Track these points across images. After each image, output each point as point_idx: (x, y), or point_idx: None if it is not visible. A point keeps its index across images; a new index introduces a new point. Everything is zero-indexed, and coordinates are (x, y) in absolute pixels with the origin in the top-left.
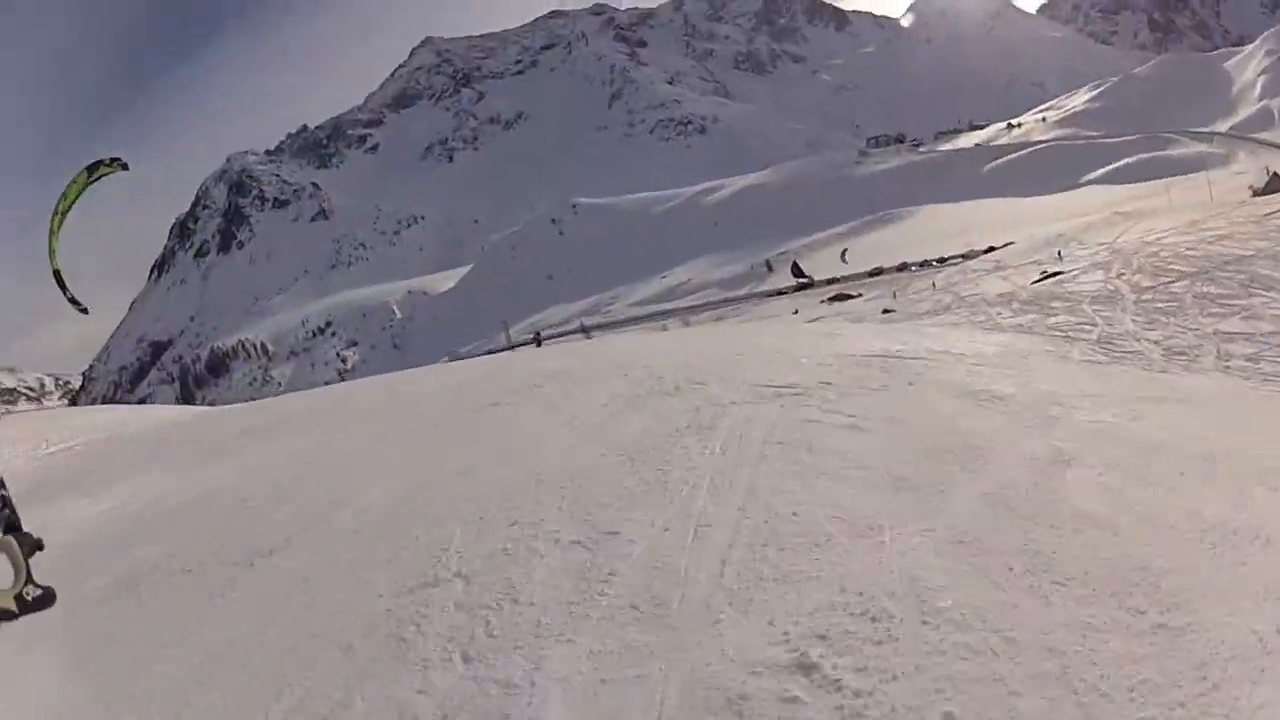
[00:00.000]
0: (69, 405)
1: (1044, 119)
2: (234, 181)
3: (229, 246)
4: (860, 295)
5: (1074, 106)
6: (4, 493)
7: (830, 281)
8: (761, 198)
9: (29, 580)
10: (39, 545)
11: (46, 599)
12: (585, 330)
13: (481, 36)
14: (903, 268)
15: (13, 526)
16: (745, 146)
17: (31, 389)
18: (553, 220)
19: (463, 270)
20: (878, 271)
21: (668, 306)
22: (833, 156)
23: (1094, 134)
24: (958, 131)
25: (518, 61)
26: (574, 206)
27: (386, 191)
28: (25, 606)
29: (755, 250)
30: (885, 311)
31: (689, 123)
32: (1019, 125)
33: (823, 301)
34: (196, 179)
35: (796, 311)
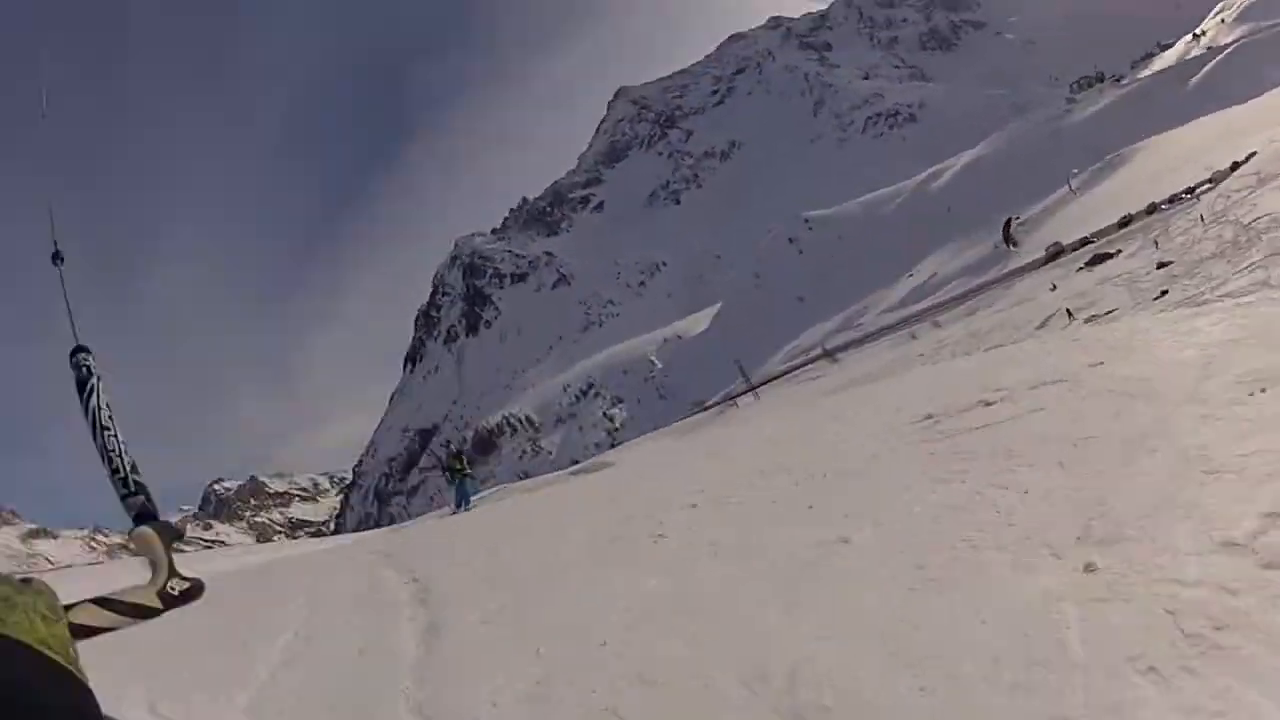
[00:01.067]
0: (342, 498)
1: (1222, 20)
2: (466, 264)
3: (476, 327)
4: (1119, 252)
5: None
6: (138, 478)
7: (1083, 243)
8: (985, 172)
9: (173, 573)
10: (180, 534)
11: (194, 592)
12: (829, 354)
13: (671, 76)
14: (1152, 209)
15: (148, 515)
16: (954, 125)
17: (305, 489)
18: (790, 240)
19: (714, 309)
20: (1126, 221)
21: (915, 309)
22: (1042, 113)
23: (1273, 22)
24: (1150, 56)
25: (714, 92)
26: (807, 221)
27: (621, 245)
28: (170, 601)
29: (993, 228)
30: (1160, 266)
31: (896, 114)
32: (1203, 33)
33: (1080, 269)
34: (429, 269)
35: (1054, 287)
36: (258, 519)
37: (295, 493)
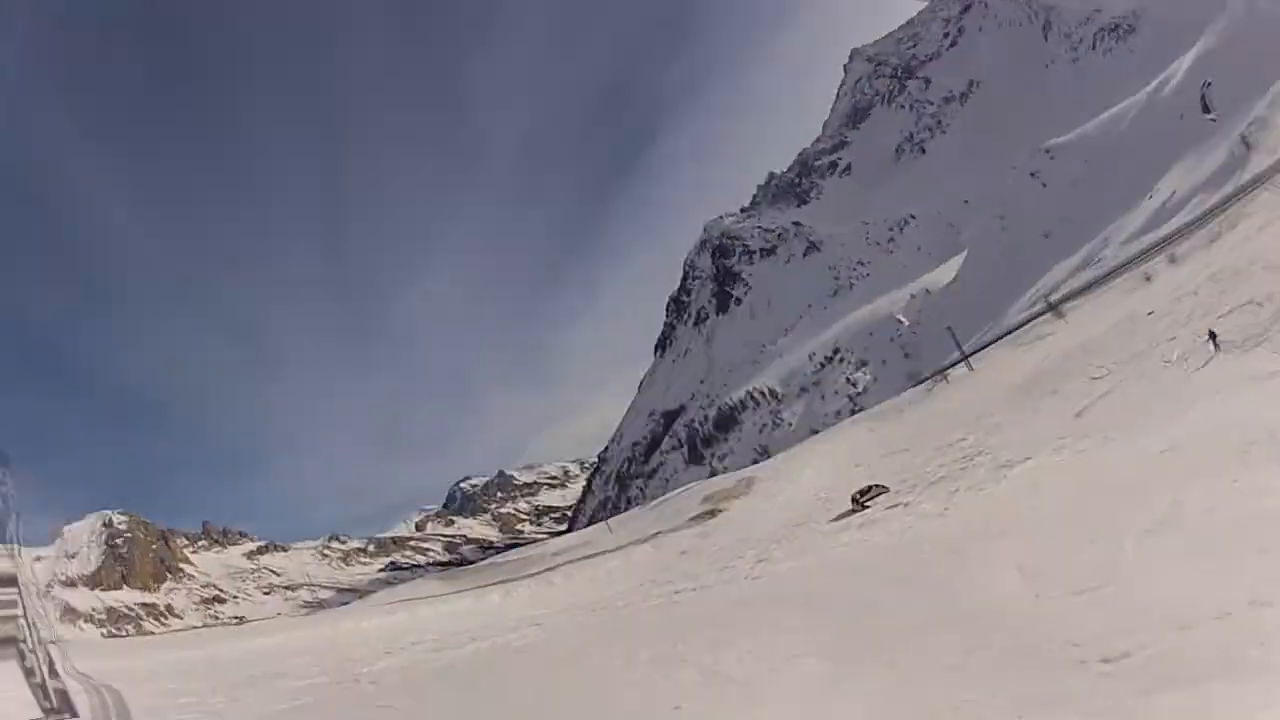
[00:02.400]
0: (585, 486)
1: None
2: (715, 245)
3: (726, 306)
4: None
5: None
6: None
7: None
8: (1212, 68)
9: None
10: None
11: None
12: (1054, 307)
13: (901, 28)
14: None
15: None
16: (1170, 27)
17: (554, 477)
18: (1032, 174)
19: (961, 256)
20: None
21: (1160, 235)
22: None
23: None
24: None
25: (945, 35)
26: (1048, 151)
27: (870, 205)
28: None
29: (1229, 127)
30: None
31: (1117, 26)
32: None
33: None
34: (680, 257)
35: None
36: (503, 510)
37: (544, 482)
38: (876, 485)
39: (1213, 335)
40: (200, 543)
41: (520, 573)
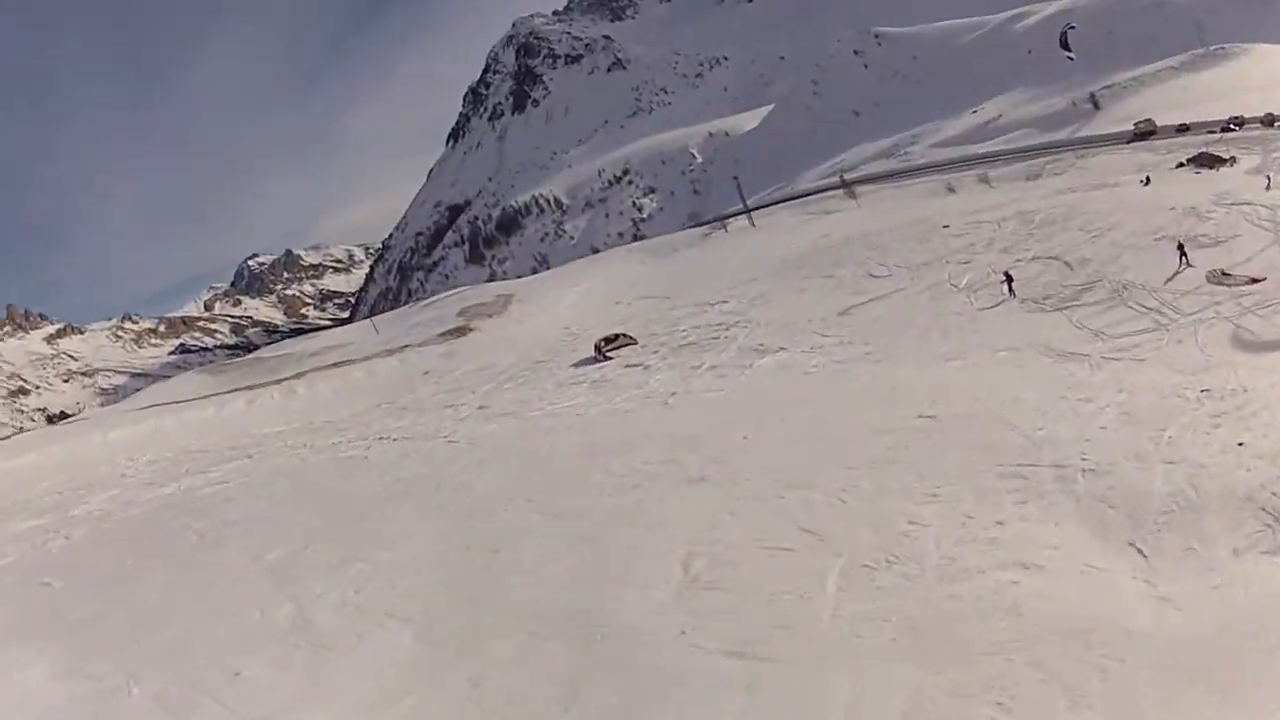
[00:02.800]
0: (368, 273)
1: None
2: (522, 44)
3: (523, 106)
4: (1231, 160)
5: None
6: None
7: (1180, 130)
8: (1077, 23)
9: None
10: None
11: None
12: (847, 185)
13: None
14: (1271, 121)
15: None
16: None
17: (340, 261)
18: (855, 52)
19: (766, 109)
20: (1239, 123)
21: (975, 150)
22: None
23: None
24: None
25: None
26: (876, 37)
27: (684, 36)
28: None
29: (1074, 84)
30: None
31: None
32: None
33: (1181, 165)
34: (484, 48)
35: (1147, 181)
36: (288, 292)
37: (329, 265)
38: (624, 335)
39: (1009, 278)
40: (5, 329)
41: (273, 375)
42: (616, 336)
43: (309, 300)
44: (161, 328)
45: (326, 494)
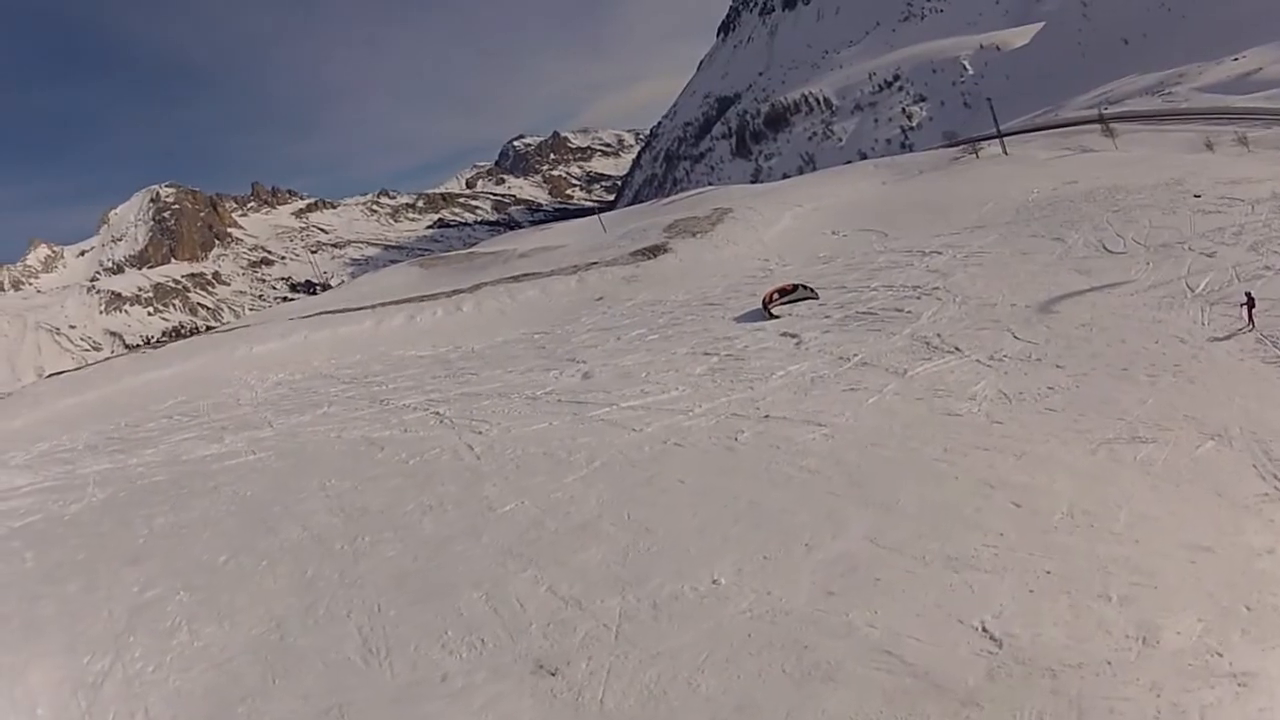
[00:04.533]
0: (635, 158)
1: None
2: None
3: (794, 3)
4: None
5: None
6: None
7: None
8: None
9: None
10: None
11: None
12: (1106, 123)
13: None
14: None
15: None
16: None
17: (608, 145)
18: None
19: (1037, 26)
20: None
21: (1234, 103)
22: None
23: None
24: None
25: None
26: None
27: None
28: None
29: None
30: None
31: None
32: None
33: None
34: None
35: None
36: (554, 173)
37: (598, 148)
38: (803, 287)
39: (1250, 301)
40: (250, 204)
41: (474, 278)
42: (795, 288)
43: (575, 181)
44: (420, 203)
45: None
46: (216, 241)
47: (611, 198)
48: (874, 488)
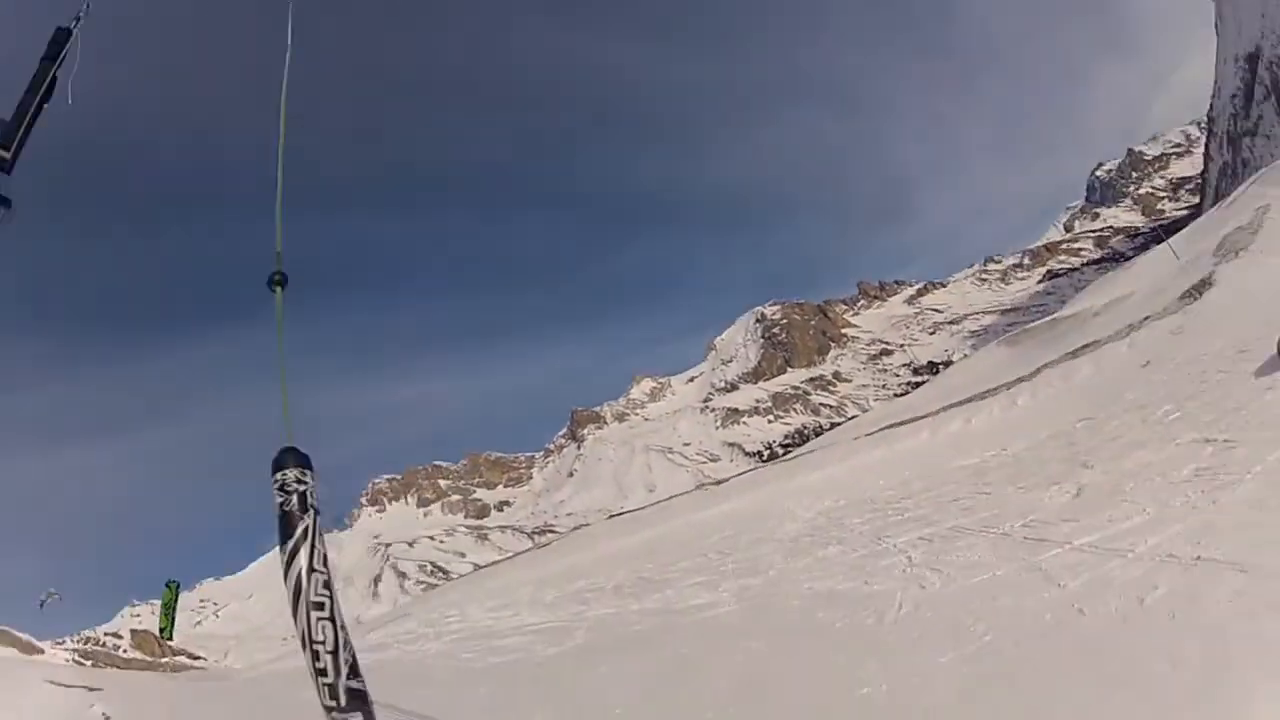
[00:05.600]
0: (1204, 151)
1: None
2: None
3: None
4: None
5: None
6: (353, 684)
7: None
8: None
9: None
10: None
11: None
12: None
13: None
14: None
15: None
16: None
17: (1178, 145)
18: None
19: None
20: None
21: None
22: None
23: None
24: None
25: None
26: None
27: None
28: None
29: None
30: None
31: None
32: None
33: None
34: None
35: None
36: (1141, 191)
37: (1170, 152)
38: None
39: None
40: (859, 304)
41: (1058, 347)
42: None
43: (1161, 194)
44: (1025, 260)
45: None
46: (832, 344)
47: (1196, 199)
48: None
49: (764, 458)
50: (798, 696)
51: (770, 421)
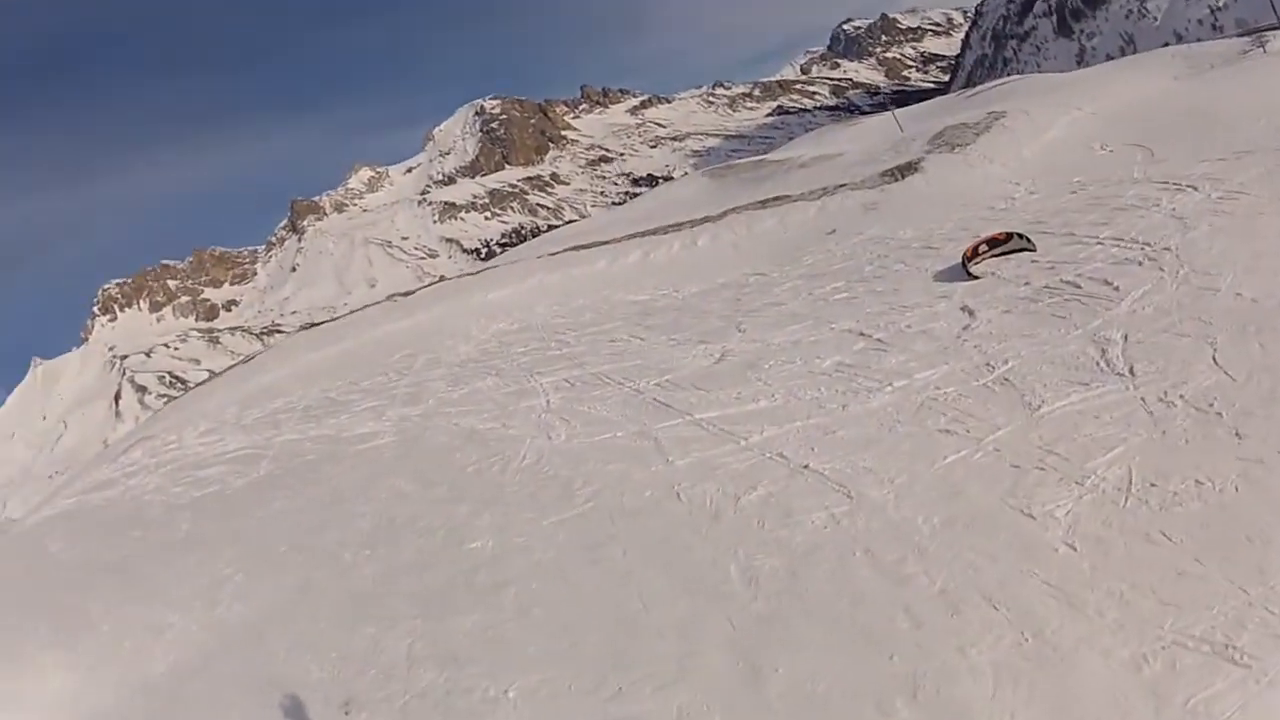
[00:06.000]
0: (964, 37)
1: None
2: None
3: None
4: None
5: None
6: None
7: None
8: None
9: None
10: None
11: None
12: None
13: None
14: None
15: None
16: None
17: (938, 24)
18: None
19: None
20: None
21: None
22: None
23: None
24: None
25: None
26: None
27: None
28: None
29: None
30: None
31: None
32: None
33: None
34: None
35: None
36: (888, 55)
37: (928, 27)
38: (1019, 236)
39: None
40: (581, 107)
41: (753, 193)
42: (1009, 238)
43: (910, 63)
44: (757, 92)
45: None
46: (551, 145)
47: (947, 78)
48: (770, 649)
49: (482, 255)
50: (410, 551)
51: (487, 219)
